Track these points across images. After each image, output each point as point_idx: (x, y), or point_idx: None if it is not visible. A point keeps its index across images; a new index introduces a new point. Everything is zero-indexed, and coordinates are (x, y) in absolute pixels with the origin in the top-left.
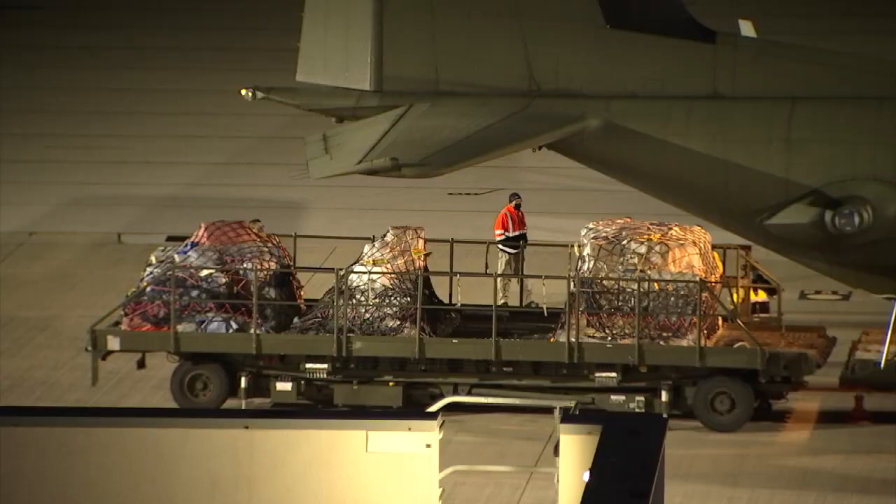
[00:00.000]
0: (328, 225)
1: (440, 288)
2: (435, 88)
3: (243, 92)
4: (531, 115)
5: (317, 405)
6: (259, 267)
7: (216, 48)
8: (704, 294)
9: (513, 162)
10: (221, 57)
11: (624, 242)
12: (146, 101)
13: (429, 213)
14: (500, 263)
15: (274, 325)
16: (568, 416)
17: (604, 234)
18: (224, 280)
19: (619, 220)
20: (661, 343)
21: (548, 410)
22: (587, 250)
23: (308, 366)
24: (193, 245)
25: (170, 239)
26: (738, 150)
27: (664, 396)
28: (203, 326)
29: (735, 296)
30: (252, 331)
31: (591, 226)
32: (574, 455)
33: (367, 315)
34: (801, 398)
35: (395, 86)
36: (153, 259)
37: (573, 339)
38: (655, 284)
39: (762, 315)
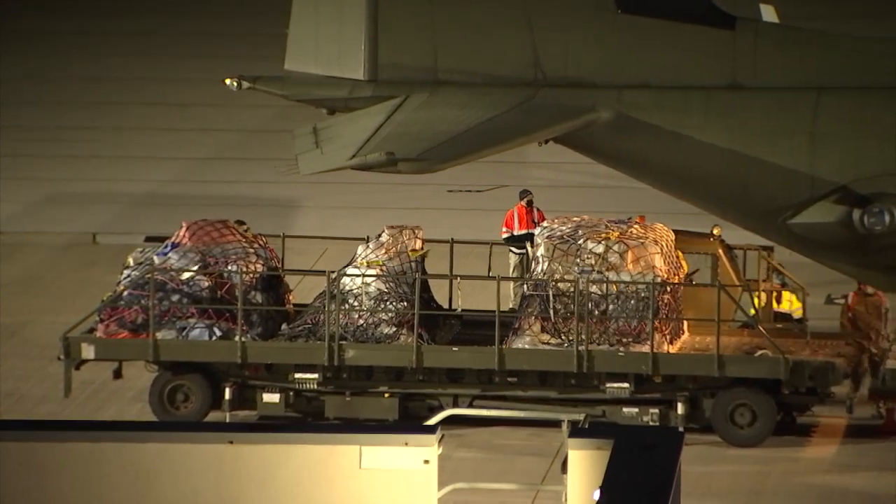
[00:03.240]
0: (319, 224)
1: (439, 292)
2: (433, 77)
3: (228, 81)
4: (537, 106)
5: (307, 418)
6: (245, 269)
7: (199, 33)
8: (666, 296)
9: (517, 157)
10: (204, 43)
11: (580, 242)
12: (123, 91)
13: (427, 211)
14: (510, 265)
15: (260, 331)
16: (577, 430)
17: (559, 233)
18: (207, 283)
19: (575, 218)
20: (621, 349)
21: (555, 424)
22: (541, 250)
23: (297, 376)
24: (174, 246)
25: (148, 239)
26: (760, 143)
27: (680, 408)
28: (184, 333)
29: (756, 300)
30: (237, 338)
31: (545, 224)
32: (583, 472)
33: (361, 321)
34: (827, 410)
35: (390, 75)
36: (130, 261)
37: (582, 348)
38: (667, 288)
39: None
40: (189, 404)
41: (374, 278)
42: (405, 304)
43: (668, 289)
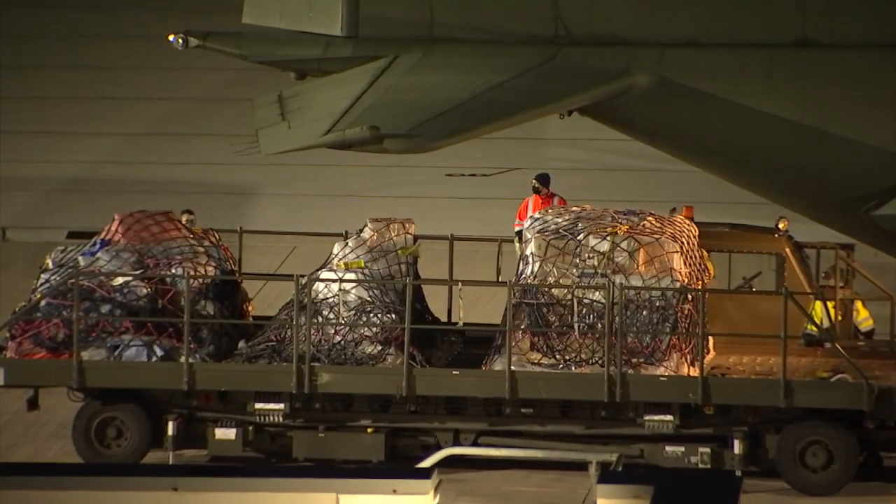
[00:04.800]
0: (285, 217)
1: (435, 301)
2: (429, 33)
3: (172, 38)
4: (558, 68)
5: (270, 459)
6: (193, 273)
7: None
8: (686, 306)
9: (533, 132)
10: None
11: (580, 237)
12: (39, 50)
13: (420, 200)
14: None
15: (212, 351)
16: (608, 474)
17: (553, 227)
18: (145, 291)
19: (574, 208)
20: (630, 371)
21: (581, 466)
22: (532, 248)
23: (258, 406)
24: (104, 244)
25: (72, 235)
26: (837, 115)
27: (737, 447)
28: (117, 353)
29: (832, 312)
30: (183, 359)
31: (536, 215)
32: None
33: (338, 338)
34: None
35: (375, 30)
36: (49, 262)
37: (613, 370)
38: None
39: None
40: (123, 442)
41: (354, 284)
42: (393, 316)
43: (689, 297)
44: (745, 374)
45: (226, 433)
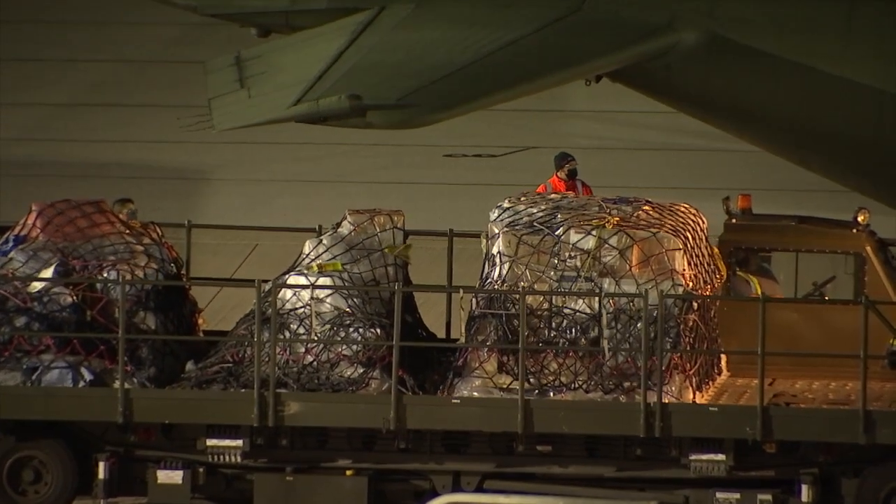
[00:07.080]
0: (244, 208)
1: (431, 312)
2: None
3: None
4: (583, 22)
5: None
6: (129, 277)
7: None
8: (690, 316)
9: (552, 103)
10: None
11: (559, 232)
12: None
13: (413, 187)
14: None
15: (154, 374)
16: None
17: (526, 219)
18: (70, 299)
19: (552, 195)
20: (622, 398)
21: None
22: (500, 245)
23: (211, 443)
24: (18, 241)
25: None
26: None
27: (806, 494)
28: (35, 377)
29: None
30: (117, 384)
31: (505, 204)
32: None
33: (310, 358)
34: None
35: None
36: None
37: (653, 400)
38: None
39: None
40: (42, 487)
41: (329, 291)
42: (378, 331)
43: (695, 306)
44: (816, 403)
45: (170, 476)
